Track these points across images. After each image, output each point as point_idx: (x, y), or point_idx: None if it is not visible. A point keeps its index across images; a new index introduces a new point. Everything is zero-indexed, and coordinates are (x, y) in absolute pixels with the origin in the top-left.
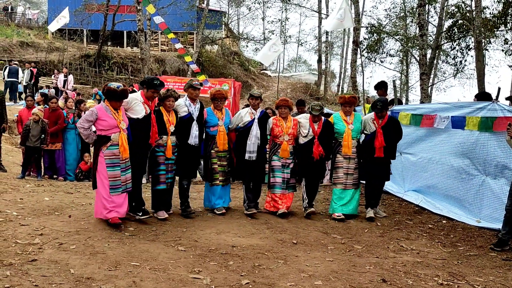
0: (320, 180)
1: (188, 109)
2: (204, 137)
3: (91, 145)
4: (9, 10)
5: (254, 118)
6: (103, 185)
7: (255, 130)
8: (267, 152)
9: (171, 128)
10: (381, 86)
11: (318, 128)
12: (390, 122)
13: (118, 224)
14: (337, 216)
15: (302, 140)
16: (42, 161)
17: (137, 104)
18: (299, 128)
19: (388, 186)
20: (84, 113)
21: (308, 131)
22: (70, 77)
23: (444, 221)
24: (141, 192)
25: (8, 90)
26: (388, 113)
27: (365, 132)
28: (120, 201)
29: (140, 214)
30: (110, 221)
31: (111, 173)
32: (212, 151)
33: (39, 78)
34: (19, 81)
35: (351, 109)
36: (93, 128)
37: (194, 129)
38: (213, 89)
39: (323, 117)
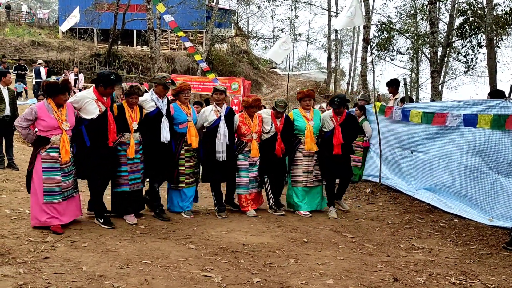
0: (284, 176)
1: (156, 104)
2: (173, 134)
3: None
4: (11, 9)
5: (220, 116)
6: (36, 190)
7: (222, 129)
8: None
9: (134, 125)
10: (392, 84)
11: (281, 124)
12: (348, 119)
13: (60, 233)
14: (304, 214)
15: (263, 137)
16: None
17: (89, 103)
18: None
19: (399, 184)
20: None
21: (271, 127)
22: (81, 76)
23: (456, 220)
24: (103, 198)
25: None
26: (351, 110)
27: (324, 129)
28: (61, 208)
29: (101, 221)
30: (51, 228)
31: (47, 178)
32: (182, 151)
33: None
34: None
35: (310, 102)
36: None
37: (165, 125)
38: (178, 82)
39: (284, 114)
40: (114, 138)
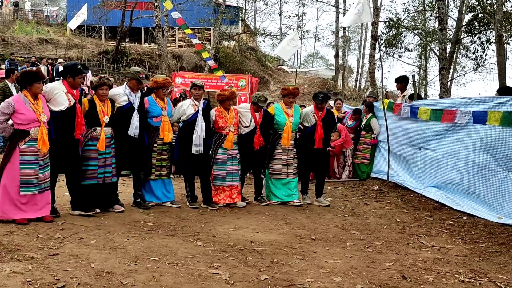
0: (262, 171)
1: (128, 98)
2: (146, 128)
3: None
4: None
5: (198, 110)
6: (11, 182)
7: (200, 123)
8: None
9: (105, 119)
10: (401, 80)
11: (260, 118)
12: (328, 114)
13: (25, 223)
14: (274, 202)
15: (243, 131)
16: None
17: (59, 95)
18: (239, 119)
19: (408, 182)
20: None
21: (251, 121)
22: (89, 74)
23: (465, 218)
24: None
25: None
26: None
27: (305, 124)
28: (37, 200)
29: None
30: (16, 221)
31: (24, 171)
32: (155, 144)
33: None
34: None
35: (294, 100)
36: (11, 122)
37: (135, 120)
38: (160, 77)
39: (263, 108)
40: (81, 131)
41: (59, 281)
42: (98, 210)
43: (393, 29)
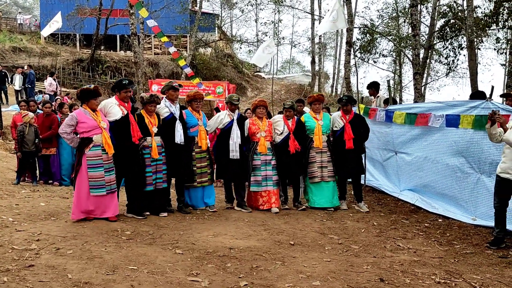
0: (300, 176)
1: (170, 110)
2: (186, 138)
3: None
4: None
5: (233, 119)
6: (82, 186)
7: (235, 130)
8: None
9: (154, 129)
10: (371, 86)
11: (292, 124)
12: (356, 117)
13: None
14: (311, 207)
15: (278, 139)
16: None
17: (112, 107)
18: (273, 129)
19: (384, 185)
20: None
21: (284, 128)
22: (50, 79)
23: (440, 220)
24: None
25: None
26: (354, 109)
27: (335, 128)
28: (106, 201)
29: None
30: (109, 219)
31: (92, 174)
32: (193, 153)
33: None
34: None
35: (320, 106)
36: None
37: (179, 128)
38: (191, 91)
39: (295, 116)
40: (138, 136)
41: None
42: (148, 213)
43: (367, 35)
